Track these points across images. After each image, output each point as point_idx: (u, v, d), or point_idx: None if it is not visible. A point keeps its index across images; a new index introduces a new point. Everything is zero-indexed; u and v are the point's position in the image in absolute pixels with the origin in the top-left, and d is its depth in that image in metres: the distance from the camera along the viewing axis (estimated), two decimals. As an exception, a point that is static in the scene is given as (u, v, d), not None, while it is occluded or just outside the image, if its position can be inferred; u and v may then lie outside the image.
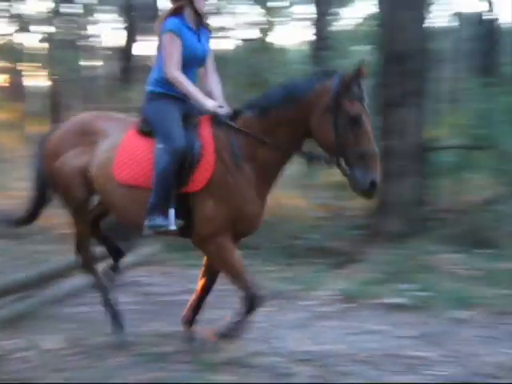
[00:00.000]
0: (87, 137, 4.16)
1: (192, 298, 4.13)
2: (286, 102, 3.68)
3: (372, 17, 11.80)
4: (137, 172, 3.87)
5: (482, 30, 16.63)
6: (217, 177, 3.72)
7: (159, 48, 3.99)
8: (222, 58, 7.16)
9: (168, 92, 3.96)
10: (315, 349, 4.07)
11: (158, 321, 4.55)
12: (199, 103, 3.86)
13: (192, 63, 3.99)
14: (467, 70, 15.23)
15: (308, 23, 15.03)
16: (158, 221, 3.74)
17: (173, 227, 3.76)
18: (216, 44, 8.38)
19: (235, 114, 3.86)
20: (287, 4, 16.01)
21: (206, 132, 3.82)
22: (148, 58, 8.91)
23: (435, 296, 4.95)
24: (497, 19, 17.77)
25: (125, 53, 13.89)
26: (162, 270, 5.93)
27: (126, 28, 14.05)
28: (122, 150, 3.94)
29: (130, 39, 13.62)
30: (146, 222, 3.77)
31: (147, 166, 3.82)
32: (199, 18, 4.01)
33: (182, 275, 4.76)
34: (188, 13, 3.95)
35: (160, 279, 5.77)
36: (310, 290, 5.06)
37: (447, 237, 6.27)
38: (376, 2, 7.32)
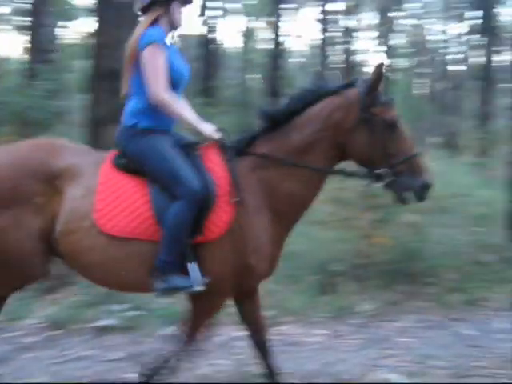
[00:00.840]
0: (48, 181, 3.08)
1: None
2: (311, 123, 3.18)
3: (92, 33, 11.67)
4: (130, 221, 3.03)
5: (205, 53, 17.55)
6: (237, 220, 3.08)
7: (134, 69, 3.20)
8: None
9: (156, 127, 3.21)
10: (15, 385, 3.73)
11: None
12: (196, 129, 3.21)
13: (179, 87, 3.28)
14: (190, 90, 15.86)
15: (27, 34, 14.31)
16: (178, 281, 3.00)
17: (199, 287, 3.03)
18: None
19: (249, 139, 3.27)
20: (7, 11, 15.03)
21: (215, 164, 3.17)
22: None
23: (146, 314, 4.93)
24: (219, 43, 18.92)
25: None
26: None
27: None
28: (103, 193, 3.07)
29: None
30: (161, 285, 3.01)
31: (144, 213, 3.04)
32: (173, 33, 3.34)
33: None
34: (164, 25, 3.24)
35: None
36: (14, 320, 4.65)
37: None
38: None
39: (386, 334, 4.93)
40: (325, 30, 19.22)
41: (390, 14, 23.71)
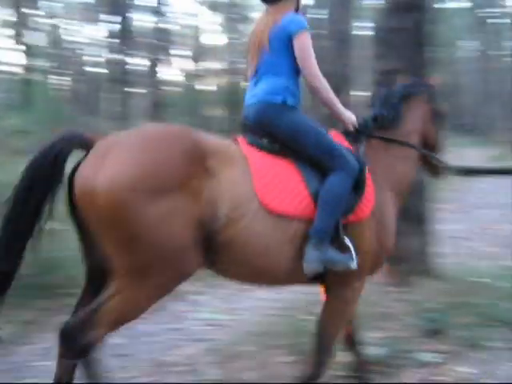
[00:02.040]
0: (199, 162, 2.78)
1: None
2: (414, 118, 3.70)
3: None
4: (291, 200, 2.97)
5: None
6: (377, 202, 3.23)
7: (279, 49, 3.26)
8: None
9: (297, 105, 3.30)
10: None
11: None
12: (338, 114, 3.39)
13: None
14: None
15: None
16: (333, 254, 2.97)
17: (354, 265, 3.00)
18: None
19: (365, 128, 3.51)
20: None
21: (348, 147, 3.33)
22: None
23: None
24: None
25: None
26: None
27: None
28: (258, 174, 2.95)
29: None
30: (314, 255, 2.92)
31: (301, 192, 3.03)
32: None
33: None
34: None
35: None
36: None
37: None
38: None
39: (25, 359, 4.30)
40: None
41: (26, 12, 22.53)
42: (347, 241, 3.07)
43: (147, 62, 22.53)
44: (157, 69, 22.32)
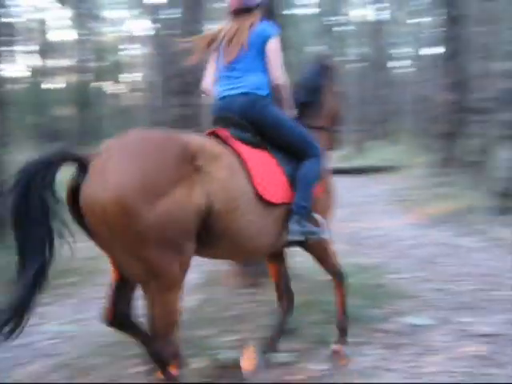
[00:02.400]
0: (189, 162, 2.96)
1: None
2: (328, 104, 4.22)
3: None
4: (279, 188, 3.48)
5: None
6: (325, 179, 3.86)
7: (256, 49, 3.69)
8: None
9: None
10: None
11: None
12: (288, 108, 3.86)
13: None
14: None
15: None
16: (311, 227, 3.55)
17: (327, 235, 3.72)
18: None
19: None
20: None
21: None
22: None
23: None
24: None
25: None
26: None
27: None
28: (255, 168, 3.34)
29: None
30: (297, 228, 3.48)
31: (283, 180, 3.54)
32: None
33: None
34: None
35: None
36: None
37: None
38: None
39: None
40: None
41: None
42: (318, 216, 3.65)
43: (-12, 57, 20.99)
44: (-1, 64, 20.87)
